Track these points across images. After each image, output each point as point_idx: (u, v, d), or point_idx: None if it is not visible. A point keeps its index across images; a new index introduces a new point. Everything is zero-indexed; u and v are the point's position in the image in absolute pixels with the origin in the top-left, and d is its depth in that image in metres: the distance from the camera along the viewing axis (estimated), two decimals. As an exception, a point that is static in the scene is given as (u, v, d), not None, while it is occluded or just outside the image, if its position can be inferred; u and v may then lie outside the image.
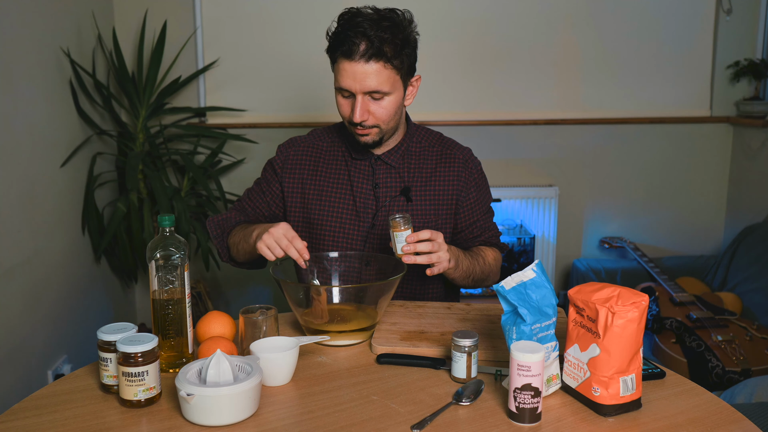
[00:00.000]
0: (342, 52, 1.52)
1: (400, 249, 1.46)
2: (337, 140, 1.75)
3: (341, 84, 1.55)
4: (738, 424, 1.12)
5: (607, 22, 3.31)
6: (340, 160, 1.73)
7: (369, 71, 1.52)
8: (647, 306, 1.13)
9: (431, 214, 1.70)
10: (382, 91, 1.55)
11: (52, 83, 2.54)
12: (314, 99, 3.23)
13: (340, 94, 1.59)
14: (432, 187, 1.71)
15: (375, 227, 1.69)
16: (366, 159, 1.70)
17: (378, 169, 1.70)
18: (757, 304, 2.83)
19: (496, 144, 3.36)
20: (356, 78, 1.52)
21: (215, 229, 1.76)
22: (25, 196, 2.31)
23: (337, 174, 1.72)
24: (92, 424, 1.12)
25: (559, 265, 3.49)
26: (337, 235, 1.70)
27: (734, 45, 3.35)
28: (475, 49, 3.28)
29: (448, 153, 1.74)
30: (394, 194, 1.69)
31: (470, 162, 1.74)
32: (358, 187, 1.70)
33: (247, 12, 3.17)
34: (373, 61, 1.51)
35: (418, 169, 1.71)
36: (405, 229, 1.46)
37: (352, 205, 1.69)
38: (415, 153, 1.73)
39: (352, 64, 1.52)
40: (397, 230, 1.46)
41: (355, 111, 1.55)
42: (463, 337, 1.25)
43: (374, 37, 1.50)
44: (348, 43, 1.50)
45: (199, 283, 3.14)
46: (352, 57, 1.51)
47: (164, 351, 1.29)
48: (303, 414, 1.15)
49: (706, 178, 3.50)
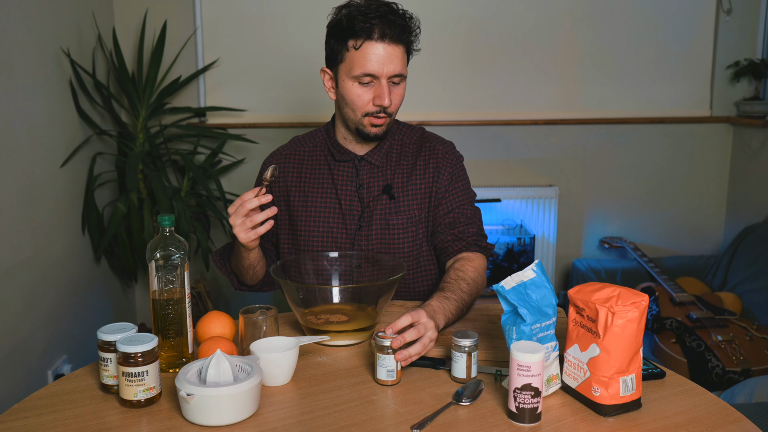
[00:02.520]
0: (369, 34, 1.51)
1: (388, 367, 1.24)
2: (318, 145, 1.73)
3: (368, 69, 1.53)
4: (738, 424, 1.12)
5: (607, 21, 3.31)
6: (323, 165, 1.71)
7: (396, 53, 1.54)
8: (647, 306, 1.13)
9: (414, 209, 1.67)
10: (403, 74, 1.57)
11: (52, 83, 2.54)
12: (314, 99, 3.23)
13: (358, 82, 1.56)
14: (412, 182, 1.68)
15: (362, 228, 1.68)
16: (349, 161, 1.68)
17: (362, 169, 1.68)
18: (757, 304, 2.83)
19: (496, 144, 3.36)
20: (385, 61, 1.53)
21: (218, 260, 1.73)
22: (25, 196, 2.31)
23: (321, 178, 1.70)
24: (92, 424, 1.12)
25: (559, 265, 3.49)
26: (325, 239, 1.69)
27: (734, 45, 3.35)
28: (475, 49, 3.28)
29: (427, 146, 1.72)
30: (377, 194, 1.68)
31: (449, 154, 1.71)
32: (342, 190, 1.68)
33: (247, 12, 3.18)
34: (400, 44, 1.54)
35: (399, 165, 1.69)
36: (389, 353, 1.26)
37: (338, 209, 1.68)
38: (397, 150, 1.71)
39: (383, 47, 1.52)
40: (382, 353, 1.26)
41: (384, 95, 1.54)
42: (462, 338, 1.25)
43: (400, 21, 1.53)
44: (380, 26, 1.51)
45: (199, 283, 3.14)
46: (384, 39, 1.51)
47: (164, 351, 1.28)
48: (303, 414, 1.15)
49: (706, 178, 3.50)
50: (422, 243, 1.70)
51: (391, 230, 1.67)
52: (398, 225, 1.67)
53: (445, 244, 1.67)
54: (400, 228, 1.67)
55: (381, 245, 1.67)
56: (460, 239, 1.66)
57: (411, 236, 1.68)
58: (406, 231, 1.67)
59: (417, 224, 1.68)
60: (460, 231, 1.66)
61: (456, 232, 1.66)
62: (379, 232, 1.67)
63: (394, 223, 1.67)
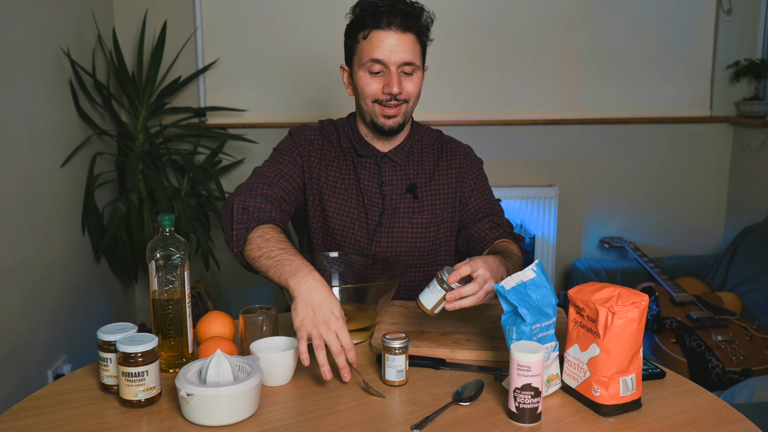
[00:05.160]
0: (377, 23, 1.53)
1: (397, 367, 1.24)
2: (344, 135, 1.72)
3: (375, 55, 1.54)
4: (738, 424, 1.12)
5: (608, 22, 3.31)
6: (348, 156, 1.71)
7: (406, 42, 1.54)
8: (647, 306, 1.13)
9: (437, 208, 1.70)
10: (415, 63, 1.56)
11: (52, 83, 2.54)
12: (314, 99, 3.23)
13: (368, 72, 1.57)
14: (435, 183, 1.71)
15: (382, 225, 1.68)
16: (372, 157, 1.69)
17: (384, 166, 1.69)
18: (757, 304, 2.83)
19: (496, 144, 3.36)
20: (393, 49, 1.53)
21: (242, 213, 1.48)
22: (25, 196, 2.31)
23: (346, 169, 1.70)
24: (92, 424, 1.12)
25: (559, 265, 3.49)
26: (346, 231, 1.69)
27: (734, 45, 3.35)
28: (475, 48, 3.28)
29: (448, 148, 1.75)
30: (401, 191, 1.69)
31: (470, 155, 1.76)
32: (365, 185, 1.69)
33: (247, 12, 3.17)
34: (409, 32, 1.54)
35: (422, 166, 1.72)
36: None
37: (361, 203, 1.69)
38: (418, 150, 1.73)
39: (390, 34, 1.53)
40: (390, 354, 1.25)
41: (392, 82, 1.54)
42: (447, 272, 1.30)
43: (410, 10, 1.54)
44: (386, 14, 1.52)
45: (199, 283, 3.14)
46: (390, 27, 1.52)
47: (164, 351, 1.29)
48: (303, 414, 1.15)
49: (706, 178, 3.50)
50: (441, 243, 1.72)
51: (414, 229, 1.69)
52: (421, 224, 1.68)
53: (483, 233, 1.69)
54: (423, 227, 1.68)
55: (400, 243, 1.69)
56: (498, 226, 1.69)
57: (432, 236, 1.70)
58: (428, 230, 1.69)
59: (438, 224, 1.70)
60: (497, 220, 1.70)
61: (494, 219, 1.69)
62: (401, 230, 1.68)
63: (417, 222, 1.68)
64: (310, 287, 1.26)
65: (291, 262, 1.32)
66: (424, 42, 1.60)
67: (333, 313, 1.23)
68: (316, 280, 1.27)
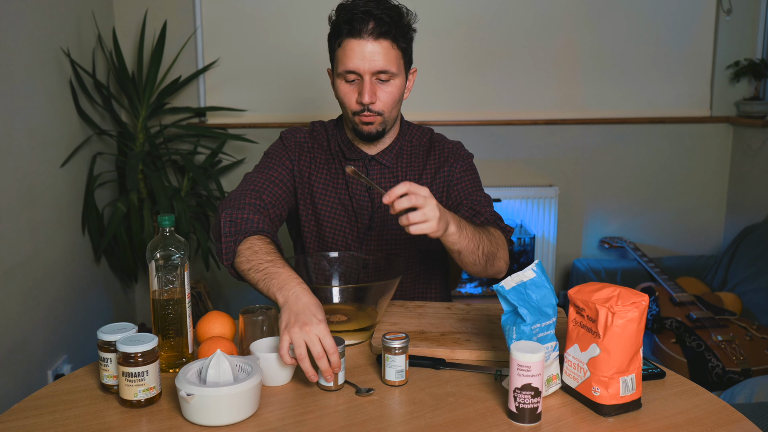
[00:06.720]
0: (349, 32, 1.49)
1: (397, 367, 1.25)
2: (333, 138, 1.71)
3: (348, 66, 1.51)
4: (738, 424, 1.12)
5: (607, 21, 3.31)
6: (337, 159, 1.69)
7: (378, 50, 1.49)
8: (647, 306, 1.13)
9: None
10: (390, 71, 1.51)
11: (52, 83, 2.54)
12: (314, 99, 3.23)
13: (344, 80, 1.54)
14: (423, 183, 1.67)
15: (372, 229, 1.68)
16: (359, 160, 1.67)
17: (372, 169, 1.67)
18: (757, 304, 2.83)
19: (496, 144, 3.36)
20: (365, 57, 1.49)
21: (229, 226, 1.47)
22: (25, 196, 2.31)
23: (335, 172, 1.69)
24: (92, 424, 1.12)
25: (559, 265, 3.49)
26: (337, 234, 1.69)
27: (734, 45, 3.35)
28: (474, 48, 3.28)
29: (436, 145, 1.72)
30: None
31: (460, 150, 1.72)
32: (353, 188, 1.67)
33: (247, 12, 3.18)
34: (382, 39, 1.49)
35: (410, 167, 1.69)
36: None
37: (350, 206, 1.68)
38: (407, 151, 1.70)
39: (361, 43, 1.48)
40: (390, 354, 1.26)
41: (365, 92, 1.51)
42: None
43: (382, 15, 1.48)
44: (357, 22, 1.47)
45: (199, 283, 3.14)
46: (361, 35, 1.48)
47: (164, 351, 1.28)
48: (303, 414, 1.15)
49: (706, 178, 3.50)
50: (431, 241, 1.70)
51: (404, 231, 1.66)
52: None
53: None
54: None
55: (391, 245, 1.68)
56: (478, 213, 1.63)
57: (422, 237, 1.67)
58: None
59: None
60: (478, 207, 1.64)
61: (475, 207, 1.64)
62: (391, 233, 1.67)
63: None
64: (297, 295, 1.26)
65: (279, 275, 1.32)
66: (403, 47, 1.54)
67: (315, 316, 1.22)
68: (302, 290, 1.28)
